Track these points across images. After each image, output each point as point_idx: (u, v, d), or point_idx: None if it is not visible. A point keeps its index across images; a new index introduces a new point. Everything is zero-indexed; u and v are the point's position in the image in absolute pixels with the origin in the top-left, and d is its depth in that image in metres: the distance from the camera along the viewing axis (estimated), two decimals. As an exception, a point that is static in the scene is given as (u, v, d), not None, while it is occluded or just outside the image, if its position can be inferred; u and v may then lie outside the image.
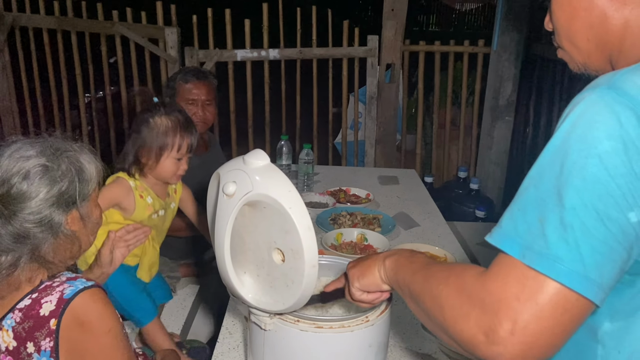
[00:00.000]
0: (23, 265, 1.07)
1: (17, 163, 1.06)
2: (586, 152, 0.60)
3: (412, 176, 2.85)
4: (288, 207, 0.92)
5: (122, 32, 3.95)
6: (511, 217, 0.65)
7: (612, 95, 0.61)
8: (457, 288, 0.68)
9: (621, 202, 0.59)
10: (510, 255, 0.63)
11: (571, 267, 0.59)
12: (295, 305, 0.99)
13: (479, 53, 4.03)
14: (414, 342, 1.43)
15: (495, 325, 0.61)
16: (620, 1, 0.72)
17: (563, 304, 0.60)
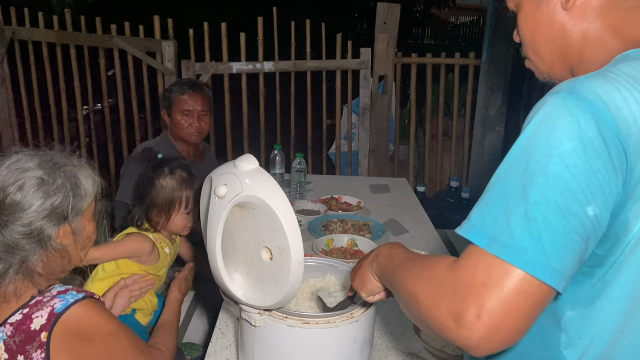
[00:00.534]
0: (12, 277, 1.10)
1: (14, 174, 1.10)
2: (549, 152, 0.65)
3: (403, 185, 2.92)
4: (275, 207, 0.98)
5: (120, 45, 4.03)
6: (479, 211, 0.70)
7: (572, 100, 0.67)
8: (429, 280, 0.72)
9: (580, 197, 0.64)
10: (478, 245, 0.67)
11: (534, 257, 0.63)
12: (283, 301, 1.05)
13: (469, 65, 4.12)
14: (401, 341, 1.49)
15: (464, 310, 0.65)
16: (578, 16, 0.79)
17: (526, 290, 0.64)
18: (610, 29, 0.78)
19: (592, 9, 0.78)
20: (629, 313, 0.71)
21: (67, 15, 4.08)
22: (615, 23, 0.78)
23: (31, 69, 4.22)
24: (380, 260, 0.95)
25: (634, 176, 0.66)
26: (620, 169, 0.65)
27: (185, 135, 2.38)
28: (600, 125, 0.65)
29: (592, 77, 0.70)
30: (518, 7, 0.87)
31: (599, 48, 0.79)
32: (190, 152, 2.47)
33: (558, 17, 0.81)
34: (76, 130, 4.44)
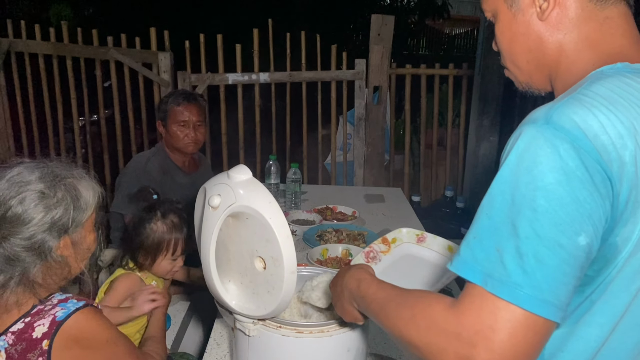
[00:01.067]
0: (12, 287, 1.11)
1: (15, 187, 1.11)
2: (533, 185, 0.65)
3: (397, 194, 2.93)
4: (268, 217, 0.99)
5: (117, 57, 4.06)
6: (468, 245, 0.69)
7: (550, 131, 0.66)
8: (427, 327, 0.70)
9: (569, 229, 0.63)
10: (474, 283, 0.66)
11: (530, 292, 0.63)
12: (276, 310, 1.06)
13: (463, 76, 4.16)
14: (395, 350, 1.49)
15: (474, 356, 0.64)
16: (554, 27, 0.80)
17: (533, 328, 0.64)
18: (586, 40, 0.79)
19: (568, 20, 0.79)
20: (611, 327, 0.72)
21: (64, 27, 4.11)
22: (591, 35, 0.79)
23: (27, 81, 4.24)
24: (362, 298, 0.90)
25: (621, 202, 0.66)
26: (607, 195, 0.65)
27: (182, 146, 2.39)
28: (581, 154, 0.64)
29: (567, 103, 0.69)
30: (495, 17, 0.88)
31: (575, 59, 0.80)
32: (186, 162, 2.48)
33: (534, 28, 0.82)
34: (72, 141, 4.45)
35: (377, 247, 1.41)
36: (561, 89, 0.82)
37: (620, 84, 0.71)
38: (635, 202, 0.66)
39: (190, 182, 2.46)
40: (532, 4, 0.81)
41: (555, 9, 0.79)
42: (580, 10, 0.79)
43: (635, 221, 0.67)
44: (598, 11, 0.79)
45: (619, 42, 0.79)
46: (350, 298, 0.95)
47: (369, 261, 1.39)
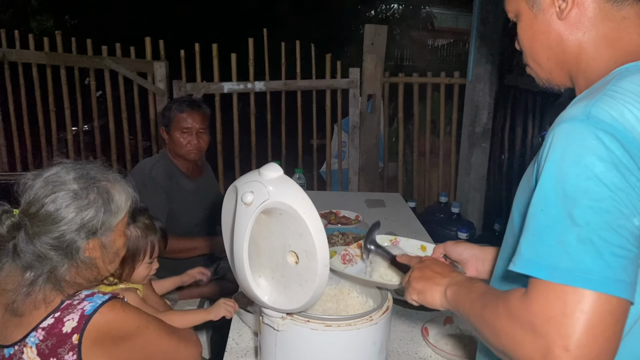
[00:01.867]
0: (41, 284, 1.13)
1: (50, 186, 1.13)
2: (585, 175, 0.68)
3: (397, 199, 2.98)
4: (302, 212, 1.02)
5: (112, 66, 4.06)
6: (529, 244, 0.71)
7: (592, 124, 0.70)
8: (507, 315, 0.72)
9: (626, 211, 0.67)
10: (539, 278, 0.68)
11: (602, 275, 0.65)
12: (309, 303, 1.08)
13: (454, 84, 4.25)
14: (411, 346, 1.53)
15: (550, 345, 0.66)
16: (573, 26, 0.85)
17: (607, 309, 0.65)
18: (605, 38, 0.84)
19: (586, 19, 0.84)
20: None
21: (58, 36, 4.11)
22: (610, 33, 0.84)
23: (21, 91, 4.22)
24: (457, 290, 0.93)
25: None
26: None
27: (185, 152, 2.41)
28: (623, 143, 0.68)
29: (602, 100, 0.73)
30: (517, 17, 0.93)
31: (595, 57, 0.85)
32: (190, 168, 2.50)
33: (554, 27, 0.87)
34: (66, 150, 4.42)
35: (353, 252, 1.45)
36: (583, 85, 0.87)
37: None
38: None
39: (195, 187, 2.48)
40: (552, 4, 0.86)
41: (574, 9, 0.84)
42: (598, 10, 0.83)
43: None
44: (615, 11, 0.83)
45: (636, 41, 0.84)
46: (449, 285, 0.95)
47: (345, 263, 1.43)
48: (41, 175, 1.16)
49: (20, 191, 1.17)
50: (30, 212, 1.13)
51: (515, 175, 3.92)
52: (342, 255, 1.43)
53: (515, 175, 3.93)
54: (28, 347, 1.13)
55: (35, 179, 1.16)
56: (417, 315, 1.69)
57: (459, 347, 1.49)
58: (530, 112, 3.73)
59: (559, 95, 3.43)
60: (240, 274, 1.11)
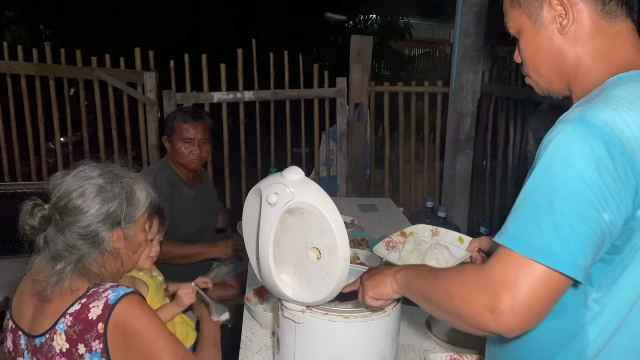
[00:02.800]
0: (69, 274, 1.21)
1: (78, 182, 1.23)
2: (568, 171, 0.79)
3: (388, 204, 3.09)
4: (324, 210, 1.11)
5: (101, 77, 4.10)
6: (514, 223, 0.83)
7: (584, 128, 0.80)
8: (462, 281, 0.87)
9: (597, 206, 0.78)
10: (514, 250, 0.80)
11: (566, 258, 0.77)
12: (330, 296, 1.17)
13: (438, 93, 4.39)
14: (415, 340, 1.62)
15: (498, 302, 0.79)
16: (573, 40, 0.96)
17: (549, 283, 0.78)
18: (600, 51, 0.94)
19: (584, 34, 0.94)
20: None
21: (47, 47, 4.13)
22: (604, 47, 0.94)
23: (9, 102, 4.21)
24: (407, 271, 1.07)
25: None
26: (627, 180, 0.79)
27: (186, 162, 2.47)
28: (608, 147, 0.79)
29: (597, 106, 0.84)
30: (519, 32, 1.02)
31: (592, 68, 0.95)
32: (190, 176, 2.57)
33: (555, 41, 0.97)
34: (54, 161, 4.43)
35: (396, 239, 1.55)
36: (580, 93, 0.97)
37: (636, 87, 0.87)
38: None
39: (195, 195, 2.54)
40: (554, 20, 0.96)
41: (573, 25, 0.94)
42: (594, 26, 0.94)
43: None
44: (609, 27, 0.94)
45: (627, 53, 0.95)
46: (397, 272, 1.09)
47: (389, 249, 1.52)
48: (69, 173, 1.25)
49: (50, 188, 1.25)
50: (60, 205, 1.22)
51: (498, 180, 4.07)
52: (386, 242, 1.52)
53: (498, 180, 4.08)
54: (57, 334, 1.19)
55: (64, 177, 1.26)
56: (419, 311, 1.79)
57: (460, 339, 1.58)
58: (511, 119, 3.89)
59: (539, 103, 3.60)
60: (265, 271, 1.19)
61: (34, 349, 1.22)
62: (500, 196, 4.04)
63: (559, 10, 0.94)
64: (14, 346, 1.29)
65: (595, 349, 0.89)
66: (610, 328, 0.88)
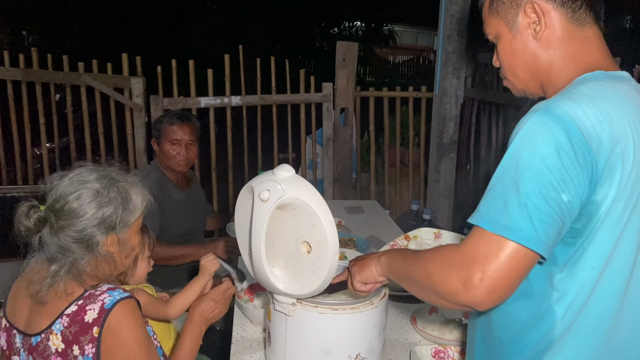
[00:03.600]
0: (63, 276, 1.23)
1: (75, 185, 1.25)
2: (533, 155, 0.86)
3: (374, 206, 3.15)
4: (315, 206, 1.17)
5: (88, 82, 4.11)
6: (485, 204, 0.90)
7: (547, 117, 0.88)
8: (439, 259, 0.94)
9: (557, 187, 0.85)
10: (484, 228, 0.87)
11: (528, 233, 0.84)
12: (320, 288, 1.22)
13: (422, 98, 4.48)
14: (401, 334, 1.68)
15: (470, 276, 0.86)
16: (546, 44, 1.03)
17: (516, 257, 0.85)
18: (570, 55, 1.02)
19: (556, 39, 1.02)
20: (601, 270, 0.93)
21: (34, 53, 4.13)
22: (574, 50, 1.02)
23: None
24: (390, 254, 1.16)
25: (599, 169, 0.88)
26: (585, 165, 0.87)
27: (174, 163, 2.50)
28: (569, 134, 0.86)
29: (561, 98, 0.92)
30: (497, 38, 1.10)
31: (562, 70, 1.03)
32: (179, 179, 2.60)
33: (530, 45, 1.04)
34: (40, 167, 4.42)
35: (401, 242, 1.61)
36: (552, 93, 1.04)
37: (598, 85, 0.95)
38: (610, 169, 0.89)
39: (184, 198, 2.58)
40: (528, 27, 1.04)
41: (546, 30, 1.02)
42: (565, 32, 1.02)
43: (610, 183, 0.89)
44: (578, 32, 1.02)
45: (595, 56, 1.03)
46: (380, 256, 1.17)
47: None
48: (67, 175, 1.27)
49: (47, 189, 1.27)
50: (56, 208, 1.23)
51: (481, 182, 4.16)
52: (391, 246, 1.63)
53: (480, 182, 4.17)
54: (54, 334, 1.22)
55: (61, 179, 1.27)
56: (404, 307, 1.85)
57: (445, 332, 1.64)
58: (493, 123, 3.99)
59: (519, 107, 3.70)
60: (257, 265, 1.24)
61: (30, 347, 1.25)
62: (483, 198, 4.13)
63: (533, 17, 1.02)
64: (9, 345, 1.31)
65: (562, 328, 0.95)
66: (575, 308, 0.94)
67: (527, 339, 0.98)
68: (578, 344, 0.94)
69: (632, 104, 0.94)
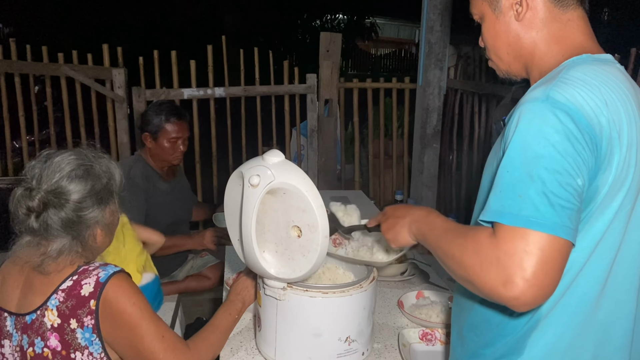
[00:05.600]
0: (69, 249, 1.25)
1: (64, 165, 1.25)
2: (543, 143, 0.84)
3: (359, 195, 3.17)
4: (305, 190, 1.18)
5: (69, 73, 4.05)
6: (496, 198, 0.87)
7: (551, 104, 0.88)
8: (475, 250, 0.88)
9: (572, 173, 0.85)
10: (503, 224, 0.84)
11: (553, 221, 0.82)
12: (311, 272, 1.23)
13: (405, 89, 4.51)
14: (389, 318, 1.70)
15: (511, 276, 0.81)
16: (528, 26, 1.04)
17: (557, 248, 0.81)
18: (554, 37, 1.03)
19: (538, 20, 1.03)
20: (591, 250, 0.95)
21: (12, 44, 4.06)
22: (558, 32, 1.03)
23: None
24: (420, 226, 1.11)
25: (602, 154, 0.89)
26: (593, 149, 0.88)
27: (172, 158, 2.53)
28: (574, 120, 0.86)
29: (557, 85, 0.91)
30: (482, 19, 1.11)
31: (546, 52, 1.04)
32: (165, 170, 2.59)
33: (513, 27, 1.05)
34: (20, 159, 4.35)
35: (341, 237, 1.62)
36: (537, 75, 1.06)
37: (589, 69, 0.96)
38: (610, 154, 0.90)
39: (170, 189, 2.57)
40: (511, 7, 1.05)
41: (528, 12, 1.03)
42: (547, 13, 1.03)
43: (610, 168, 0.90)
44: (561, 14, 1.03)
45: (579, 39, 1.04)
46: (411, 223, 1.14)
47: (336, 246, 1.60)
48: (51, 159, 1.26)
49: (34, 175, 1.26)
50: (52, 188, 1.23)
51: (464, 172, 4.21)
52: (333, 240, 1.58)
53: (463, 172, 4.22)
54: (49, 310, 1.22)
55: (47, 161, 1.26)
56: (391, 292, 1.87)
57: (432, 315, 1.67)
58: (475, 113, 4.03)
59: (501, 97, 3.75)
60: (248, 251, 1.25)
61: (24, 326, 1.25)
62: (466, 187, 4.18)
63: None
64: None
65: (548, 306, 0.96)
66: (562, 286, 0.94)
67: (517, 320, 0.99)
68: (564, 322, 0.96)
69: (622, 86, 0.95)
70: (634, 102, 0.96)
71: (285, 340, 1.34)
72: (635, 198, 0.95)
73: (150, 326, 1.27)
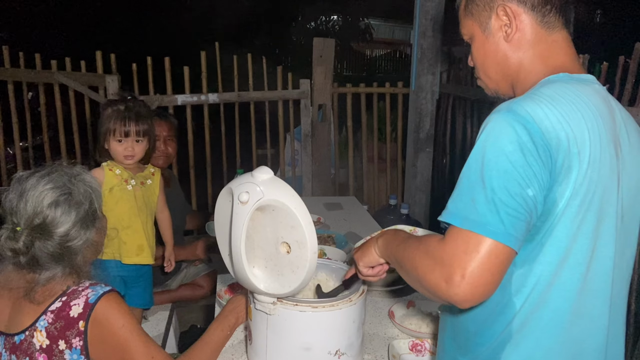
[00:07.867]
0: (60, 276, 1.26)
1: (43, 195, 1.24)
2: (498, 153, 0.90)
3: (352, 202, 3.19)
4: (294, 207, 1.19)
5: (62, 80, 4.05)
6: (453, 201, 0.93)
7: (510, 116, 0.92)
8: (425, 252, 0.96)
9: (522, 183, 0.89)
10: (455, 225, 0.90)
11: (497, 227, 0.87)
12: (299, 287, 1.24)
13: (399, 93, 4.53)
14: (379, 328, 1.71)
15: (451, 273, 0.88)
16: (516, 47, 1.07)
17: (495, 253, 0.87)
18: (539, 57, 1.06)
19: (525, 42, 1.06)
20: (557, 265, 0.97)
21: (5, 51, 4.06)
22: (543, 53, 1.06)
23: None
24: (385, 237, 1.19)
25: (557, 167, 0.92)
26: (546, 162, 0.91)
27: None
28: (530, 132, 0.90)
29: (523, 99, 0.95)
30: (472, 39, 1.14)
31: (531, 71, 1.07)
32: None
33: (501, 47, 1.08)
34: (14, 166, 4.35)
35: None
36: (520, 92, 1.08)
37: (561, 87, 0.99)
38: (568, 167, 0.93)
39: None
40: (500, 29, 1.08)
41: (517, 33, 1.06)
42: (534, 35, 1.06)
43: (567, 181, 0.93)
44: (547, 36, 1.06)
45: (562, 59, 1.07)
46: (378, 238, 1.21)
47: None
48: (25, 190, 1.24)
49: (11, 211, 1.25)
50: (36, 224, 1.23)
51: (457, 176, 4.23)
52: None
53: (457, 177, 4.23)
54: (38, 331, 1.23)
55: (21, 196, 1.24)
56: (382, 302, 1.88)
57: (422, 326, 1.69)
58: (468, 118, 4.06)
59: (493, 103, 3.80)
60: (238, 266, 1.26)
61: (13, 346, 1.25)
62: (459, 192, 4.20)
63: (505, 20, 1.06)
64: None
65: (520, 320, 0.98)
66: (532, 301, 0.98)
67: (491, 330, 1.02)
68: (538, 336, 0.99)
69: (592, 106, 0.98)
70: (607, 122, 0.99)
71: (276, 354, 1.36)
72: (601, 215, 0.97)
73: (140, 347, 1.28)
